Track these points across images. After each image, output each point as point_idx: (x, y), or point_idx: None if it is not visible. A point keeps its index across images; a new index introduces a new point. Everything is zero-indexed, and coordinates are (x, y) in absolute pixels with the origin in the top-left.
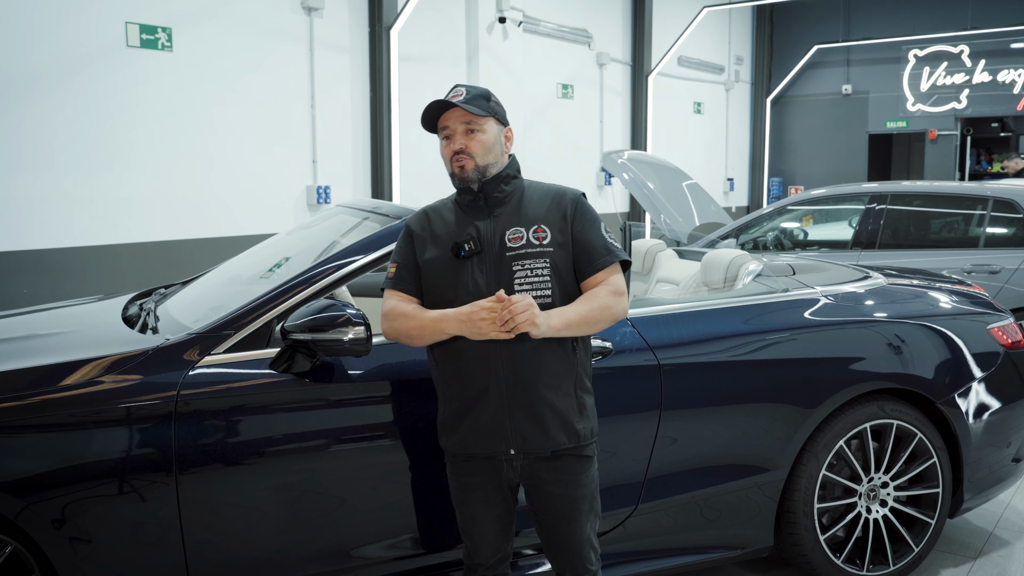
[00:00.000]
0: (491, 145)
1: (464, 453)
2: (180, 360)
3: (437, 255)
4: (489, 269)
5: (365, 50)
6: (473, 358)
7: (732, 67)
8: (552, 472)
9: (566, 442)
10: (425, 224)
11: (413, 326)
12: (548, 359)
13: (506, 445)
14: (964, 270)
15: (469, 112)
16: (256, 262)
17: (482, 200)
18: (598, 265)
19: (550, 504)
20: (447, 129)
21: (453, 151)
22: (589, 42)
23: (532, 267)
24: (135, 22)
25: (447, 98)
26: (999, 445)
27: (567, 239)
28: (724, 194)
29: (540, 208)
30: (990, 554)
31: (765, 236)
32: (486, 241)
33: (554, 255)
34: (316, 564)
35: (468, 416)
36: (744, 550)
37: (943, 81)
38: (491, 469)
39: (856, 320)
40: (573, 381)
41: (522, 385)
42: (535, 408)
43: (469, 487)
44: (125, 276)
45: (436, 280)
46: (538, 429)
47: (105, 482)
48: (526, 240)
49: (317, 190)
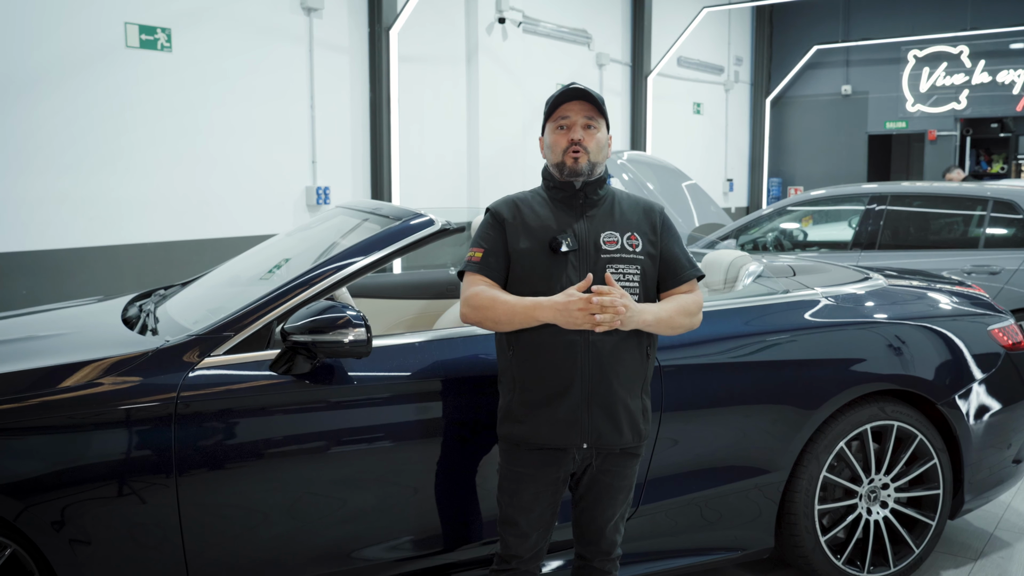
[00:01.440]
0: (603, 145)
1: (532, 443)
2: (180, 362)
3: (531, 246)
4: (584, 268)
5: (364, 50)
6: (558, 352)
7: (732, 68)
8: (609, 465)
9: (632, 441)
10: (516, 213)
11: (503, 311)
12: (627, 359)
13: (580, 439)
14: (964, 271)
15: (595, 108)
16: (256, 263)
17: (580, 199)
18: (683, 277)
19: (594, 490)
20: (567, 119)
21: (571, 140)
22: (588, 43)
23: (624, 272)
24: (134, 22)
25: (571, 87)
26: (1000, 446)
27: (656, 250)
28: (723, 195)
29: (632, 216)
30: (991, 555)
31: (765, 237)
32: (582, 240)
33: (644, 263)
34: (316, 566)
35: (545, 408)
36: (745, 552)
37: (943, 82)
38: (554, 461)
39: (857, 321)
40: (642, 383)
41: (604, 383)
42: (613, 406)
43: (523, 478)
44: (124, 277)
45: (528, 272)
46: (613, 427)
47: (105, 484)
48: (621, 245)
49: (316, 191)
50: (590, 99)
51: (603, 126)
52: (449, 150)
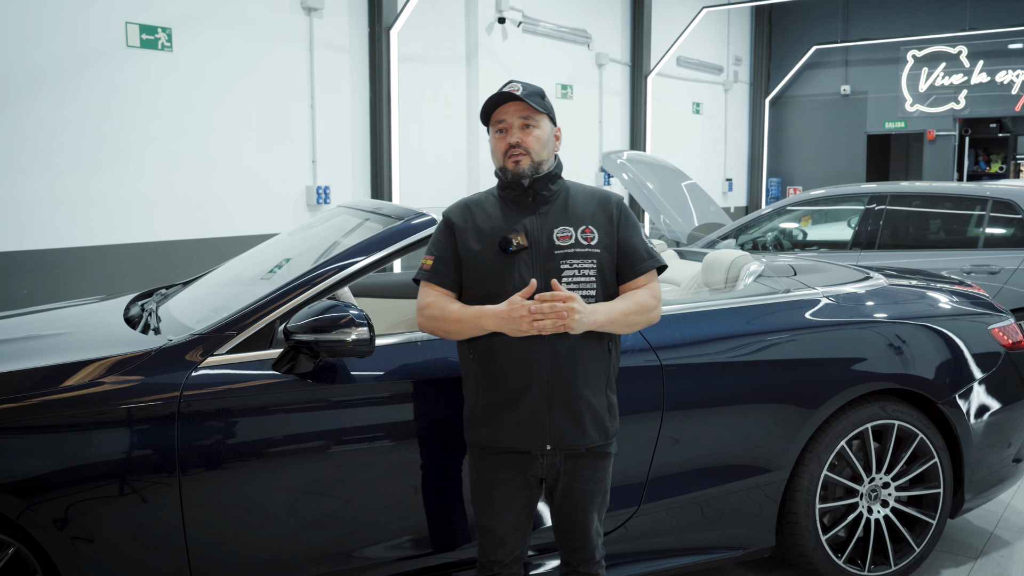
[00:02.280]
0: (545, 142)
1: (496, 447)
2: (183, 361)
3: (482, 248)
4: (537, 266)
5: (365, 50)
6: (515, 354)
7: (731, 67)
8: (578, 467)
9: (598, 440)
10: (467, 216)
11: (451, 320)
12: (587, 357)
13: (543, 441)
14: (963, 270)
15: (530, 107)
16: (258, 263)
17: (530, 197)
18: (641, 269)
19: (569, 496)
20: (503, 123)
21: (509, 144)
22: (588, 42)
23: (580, 267)
24: (135, 22)
25: (502, 91)
26: (1000, 445)
27: (612, 242)
28: (723, 194)
29: (587, 209)
30: (991, 554)
31: (764, 237)
32: (533, 238)
33: (600, 256)
34: (319, 565)
35: (506, 411)
36: (746, 550)
37: (941, 82)
38: (521, 465)
39: (857, 321)
40: (606, 380)
41: (563, 382)
42: (575, 405)
43: (494, 483)
44: (125, 276)
45: (481, 274)
46: (576, 426)
47: (108, 483)
48: (575, 240)
49: (317, 190)
50: (523, 99)
51: (543, 122)
52: (449, 149)
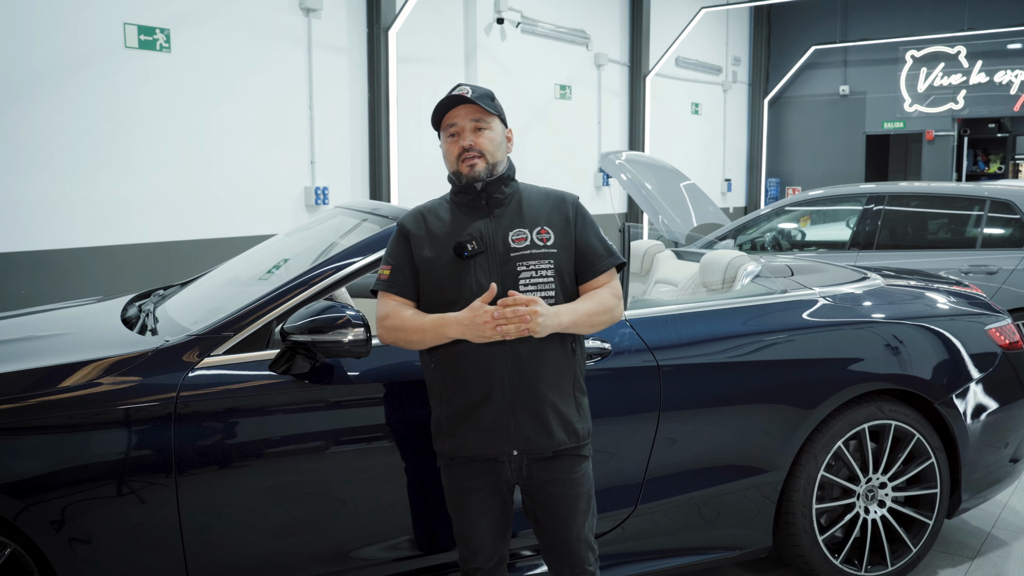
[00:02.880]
0: (498, 143)
1: (463, 456)
2: (180, 362)
3: (437, 255)
4: (493, 269)
5: (363, 51)
6: (476, 360)
7: (730, 68)
8: (551, 472)
9: (567, 442)
10: (421, 223)
11: (412, 329)
12: (550, 359)
13: (509, 446)
14: (962, 271)
15: (481, 109)
16: (255, 263)
17: (483, 200)
18: (600, 268)
19: (549, 504)
20: (454, 126)
21: (462, 147)
22: (587, 43)
23: (537, 268)
24: (133, 23)
25: (453, 94)
26: (997, 446)
27: (569, 241)
28: (722, 195)
29: (542, 210)
30: (988, 554)
31: (763, 237)
32: (488, 241)
33: (557, 256)
34: (316, 565)
35: (470, 419)
36: (743, 551)
37: (940, 82)
38: (490, 472)
39: (854, 321)
40: (572, 381)
41: (526, 386)
42: (539, 409)
43: (466, 491)
44: (124, 277)
45: (437, 280)
46: (542, 430)
47: (105, 484)
48: (530, 241)
49: (315, 191)
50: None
51: (495, 124)
52: None
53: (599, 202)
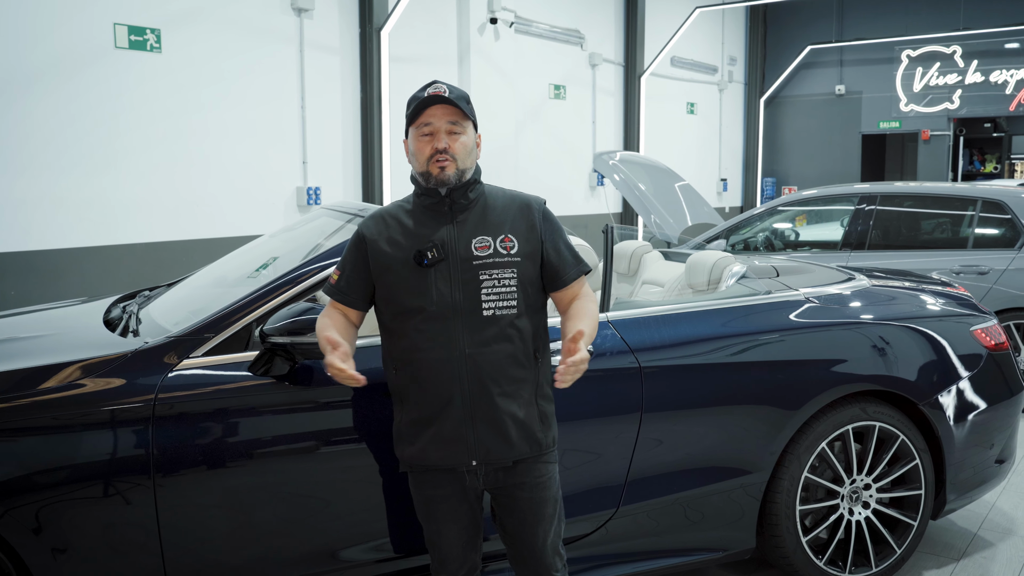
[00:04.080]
0: (470, 149)
1: (423, 465)
2: (159, 363)
3: (396, 262)
4: (454, 277)
5: (356, 51)
6: (435, 367)
7: (725, 67)
8: (515, 476)
9: (528, 452)
10: (381, 228)
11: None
12: (509, 369)
13: (468, 457)
14: (953, 271)
15: (458, 111)
16: (240, 264)
17: (447, 205)
18: (571, 276)
19: (515, 508)
20: (430, 126)
21: (436, 149)
22: (581, 43)
23: (499, 277)
24: (123, 23)
25: (432, 92)
26: (982, 447)
27: (535, 249)
28: (718, 194)
29: (505, 216)
30: (973, 555)
31: (756, 237)
32: (450, 248)
33: (521, 265)
34: (296, 567)
35: (430, 427)
36: (726, 552)
37: (936, 81)
38: (454, 480)
39: (838, 322)
40: (534, 390)
41: (485, 395)
42: (498, 418)
43: (433, 500)
44: (117, 277)
45: (398, 287)
46: (501, 439)
47: (83, 486)
48: (493, 249)
49: (307, 191)
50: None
51: (469, 128)
52: None
53: (594, 202)
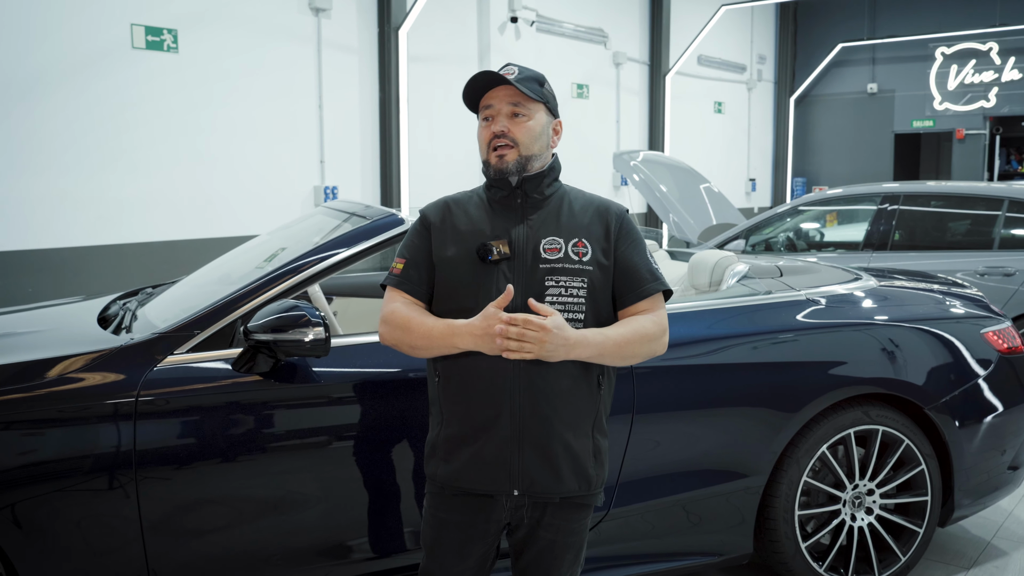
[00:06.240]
0: (538, 134)
1: (455, 486)
2: (142, 359)
3: (458, 254)
4: (518, 280)
5: (374, 50)
6: (485, 380)
7: (754, 66)
8: (547, 515)
9: (577, 489)
10: (446, 216)
11: (419, 334)
12: (570, 392)
13: (510, 485)
14: (978, 272)
15: (520, 92)
16: (241, 262)
17: (519, 199)
18: (643, 292)
19: (534, 547)
20: (490, 108)
21: (493, 133)
22: (605, 41)
23: (567, 285)
24: (140, 24)
25: (491, 72)
26: (994, 452)
27: (609, 260)
28: (746, 195)
29: (582, 219)
30: (984, 564)
31: (777, 237)
32: (517, 247)
33: (593, 275)
34: (277, 566)
35: (470, 446)
36: (724, 556)
37: (971, 79)
38: (480, 509)
39: (840, 323)
40: (593, 421)
41: (538, 418)
42: (549, 447)
43: (446, 525)
44: (130, 275)
45: (455, 284)
46: (549, 471)
47: (64, 481)
48: (564, 253)
49: (324, 190)
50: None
51: (538, 112)
52: (460, 150)
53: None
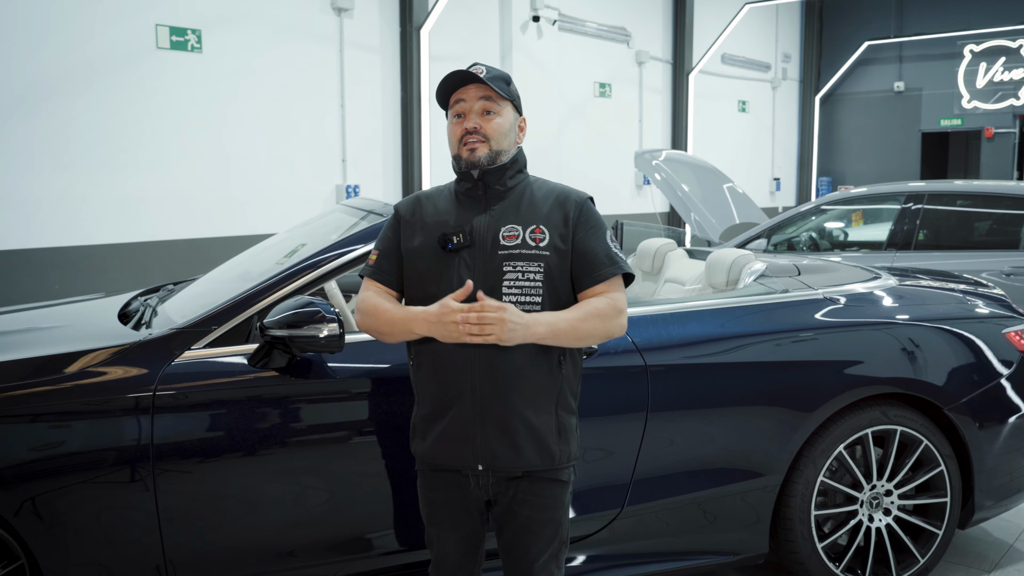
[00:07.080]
0: (507, 131)
1: (432, 463)
2: (160, 354)
3: (423, 244)
4: (478, 267)
5: (396, 50)
6: (450, 360)
7: (779, 65)
8: (520, 491)
9: (539, 464)
10: (416, 209)
11: (383, 322)
12: (528, 371)
13: (474, 459)
14: (1003, 272)
15: (491, 90)
16: (261, 259)
17: (481, 191)
18: (599, 276)
19: (513, 523)
20: (462, 104)
21: (465, 130)
22: (628, 40)
23: (524, 270)
24: (165, 24)
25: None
26: (1016, 454)
27: (567, 245)
28: (770, 194)
29: (541, 208)
30: (1006, 568)
31: (799, 236)
32: (478, 235)
33: (550, 260)
34: (294, 558)
35: (439, 423)
36: (738, 556)
37: (1001, 77)
38: (457, 485)
39: (857, 322)
40: (555, 399)
41: (498, 396)
42: (509, 423)
43: (435, 503)
44: (155, 273)
45: (420, 272)
46: (509, 446)
47: (84, 473)
48: (521, 240)
49: (347, 189)
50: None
51: (506, 110)
52: None
53: (639, 201)
